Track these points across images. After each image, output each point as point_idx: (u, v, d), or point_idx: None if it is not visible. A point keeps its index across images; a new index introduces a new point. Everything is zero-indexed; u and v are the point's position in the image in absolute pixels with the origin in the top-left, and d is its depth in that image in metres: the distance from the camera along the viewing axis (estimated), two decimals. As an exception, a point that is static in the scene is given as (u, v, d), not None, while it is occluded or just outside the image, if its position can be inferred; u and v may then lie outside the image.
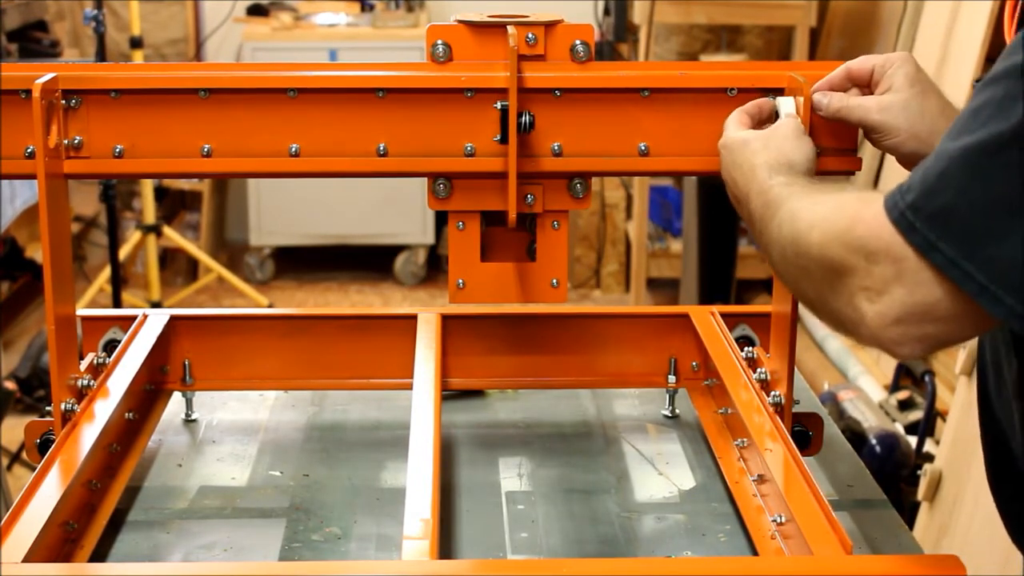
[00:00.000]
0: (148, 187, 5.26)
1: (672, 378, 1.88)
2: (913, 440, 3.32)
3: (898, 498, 3.15)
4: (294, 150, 1.56)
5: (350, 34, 5.88)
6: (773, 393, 1.64)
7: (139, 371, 1.72)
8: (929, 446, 3.31)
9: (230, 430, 1.85)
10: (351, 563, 1.46)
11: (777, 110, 1.52)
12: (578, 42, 1.56)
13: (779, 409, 1.63)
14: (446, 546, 1.51)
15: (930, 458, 3.15)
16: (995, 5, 3.75)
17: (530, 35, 1.55)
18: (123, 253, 5.08)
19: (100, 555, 1.49)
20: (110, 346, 1.84)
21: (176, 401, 1.87)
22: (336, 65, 3.60)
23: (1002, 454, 1.42)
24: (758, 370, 1.70)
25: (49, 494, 1.41)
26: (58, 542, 1.41)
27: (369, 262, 6.05)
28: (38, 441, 1.61)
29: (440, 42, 1.57)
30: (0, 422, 3.46)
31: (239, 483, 1.70)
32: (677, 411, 1.90)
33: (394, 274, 5.97)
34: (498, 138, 1.54)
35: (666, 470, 1.74)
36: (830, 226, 1.19)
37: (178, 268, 6.05)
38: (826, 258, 1.19)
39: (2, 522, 1.34)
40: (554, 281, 1.65)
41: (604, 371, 1.89)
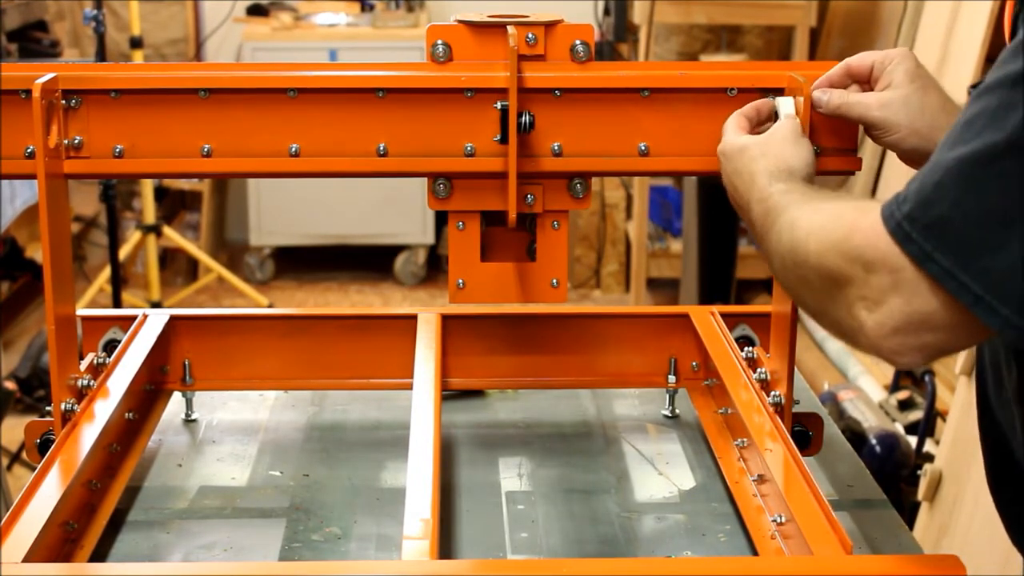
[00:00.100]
0: (148, 187, 5.26)
1: (672, 378, 1.88)
2: (913, 440, 3.32)
3: (898, 498, 3.15)
4: (294, 150, 1.56)
5: (350, 34, 5.87)
6: (773, 393, 1.64)
7: (139, 371, 1.72)
8: (929, 446, 3.30)
9: (230, 430, 1.85)
10: (351, 563, 1.46)
11: (776, 110, 1.52)
12: (578, 42, 1.56)
13: (779, 409, 1.63)
14: (446, 546, 1.51)
15: (930, 458, 3.15)
16: (995, 5, 3.75)
17: (530, 35, 1.55)
18: (123, 253, 5.08)
19: (100, 555, 1.49)
20: (110, 346, 1.84)
21: (176, 401, 1.87)
22: (336, 65, 3.60)
23: (1002, 457, 1.42)
24: (758, 370, 1.70)
25: (49, 494, 1.41)
26: (58, 542, 1.41)
27: (369, 262, 6.05)
28: (38, 441, 1.61)
29: (440, 42, 1.56)
30: (0, 422, 3.46)
31: (239, 483, 1.70)
32: (677, 411, 1.90)
33: (394, 274, 5.97)
34: (498, 138, 1.54)
35: (666, 470, 1.74)
36: (827, 235, 1.19)
37: (178, 268, 6.05)
38: (824, 268, 1.19)
39: (2, 522, 1.34)
40: (554, 281, 1.65)
41: (604, 371, 1.89)
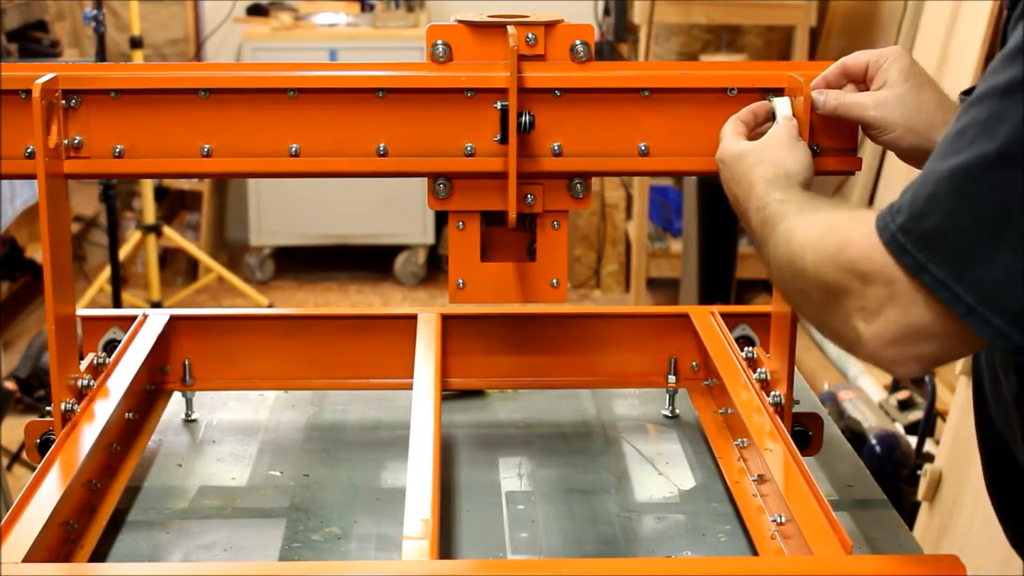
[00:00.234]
0: (148, 187, 5.26)
1: (672, 378, 1.88)
2: (913, 440, 3.32)
3: (898, 498, 3.15)
4: (294, 150, 1.55)
5: (350, 34, 5.87)
6: (773, 393, 1.64)
7: (139, 371, 1.72)
8: (929, 446, 3.30)
9: (230, 430, 1.85)
10: (351, 563, 1.46)
11: (773, 111, 1.52)
12: (578, 42, 1.56)
13: (779, 409, 1.63)
14: (446, 546, 1.51)
15: (930, 458, 3.15)
16: (995, 5, 3.75)
17: (530, 35, 1.55)
18: (123, 253, 5.08)
19: (100, 555, 1.48)
20: (110, 346, 1.84)
21: (176, 401, 1.87)
22: (336, 65, 3.60)
23: (1001, 461, 1.41)
24: (758, 370, 1.70)
25: (49, 494, 1.41)
26: (58, 542, 1.41)
27: (369, 262, 6.05)
28: (38, 441, 1.61)
29: (440, 42, 1.56)
30: (0, 422, 3.46)
31: (239, 483, 1.70)
32: (677, 411, 1.90)
33: (394, 274, 5.97)
34: (498, 138, 1.54)
35: (666, 470, 1.74)
36: (823, 247, 1.19)
37: (178, 268, 6.05)
38: (821, 280, 1.19)
39: (2, 522, 1.34)
40: (554, 281, 1.65)
41: (604, 371, 1.89)
